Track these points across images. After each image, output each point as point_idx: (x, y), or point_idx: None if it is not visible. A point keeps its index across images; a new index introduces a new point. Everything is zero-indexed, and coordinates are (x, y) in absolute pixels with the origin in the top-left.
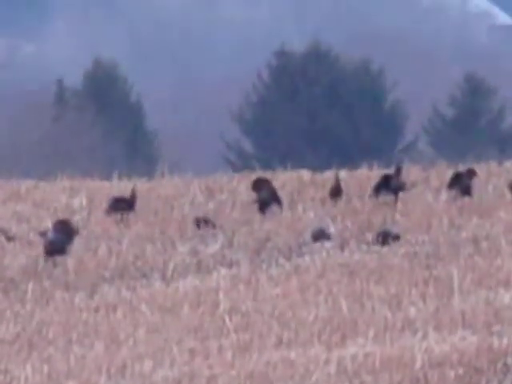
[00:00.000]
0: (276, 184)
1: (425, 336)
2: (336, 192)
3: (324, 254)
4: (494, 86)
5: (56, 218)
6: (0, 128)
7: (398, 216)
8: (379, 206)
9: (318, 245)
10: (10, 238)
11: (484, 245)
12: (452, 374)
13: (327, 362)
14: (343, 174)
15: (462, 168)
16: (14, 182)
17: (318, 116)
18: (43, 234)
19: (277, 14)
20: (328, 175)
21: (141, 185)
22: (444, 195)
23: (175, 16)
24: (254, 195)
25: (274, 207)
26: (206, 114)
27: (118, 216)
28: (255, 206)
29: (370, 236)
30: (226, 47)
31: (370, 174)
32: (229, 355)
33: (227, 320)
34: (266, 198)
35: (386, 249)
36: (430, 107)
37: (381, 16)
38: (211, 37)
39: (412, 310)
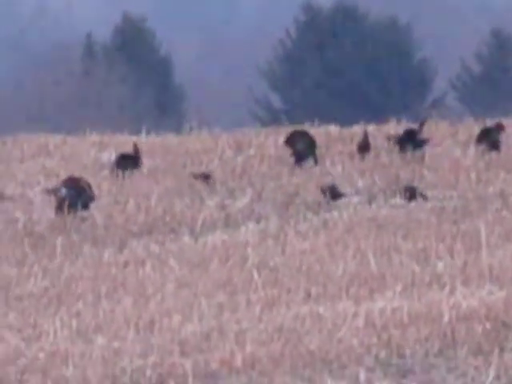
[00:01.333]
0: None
1: (452, 291)
2: (364, 147)
3: (352, 208)
4: None
5: (85, 173)
6: (29, 83)
7: (425, 171)
8: (407, 160)
9: (346, 200)
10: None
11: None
12: (479, 328)
13: (355, 316)
14: (371, 128)
15: (489, 123)
16: (42, 137)
17: (346, 71)
18: (54, 190)
19: None
20: (356, 130)
21: (169, 139)
22: (472, 150)
23: None
24: (286, 149)
25: (310, 161)
26: (234, 69)
27: (122, 173)
28: (285, 160)
29: (397, 191)
30: (252, 2)
31: (399, 128)
32: (257, 310)
33: (255, 274)
34: (304, 150)
35: (413, 204)
36: (457, 63)
37: None
38: None
39: (439, 265)
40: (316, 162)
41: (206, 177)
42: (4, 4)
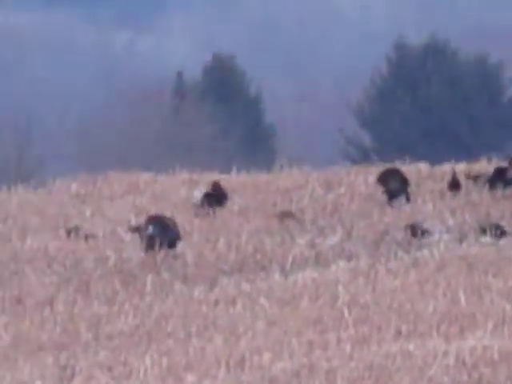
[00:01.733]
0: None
1: None
2: (454, 185)
3: (442, 246)
4: None
5: (175, 211)
6: (119, 121)
7: None
8: (497, 199)
9: (436, 237)
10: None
11: None
12: None
13: (446, 354)
14: (462, 167)
15: None
16: (133, 174)
17: (436, 110)
18: (139, 229)
19: (392, 7)
20: (446, 168)
21: (259, 177)
22: None
23: (290, 8)
24: (376, 187)
25: (402, 199)
26: (324, 109)
27: (208, 211)
28: (375, 198)
29: (487, 229)
30: (342, 40)
31: (489, 167)
32: (348, 347)
33: (346, 312)
34: (396, 188)
35: (504, 241)
36: None
37: (498, 10)
38: (327, 29)
39: None
40: (408, 199)
41: (290, 215)
42: (95, 44)
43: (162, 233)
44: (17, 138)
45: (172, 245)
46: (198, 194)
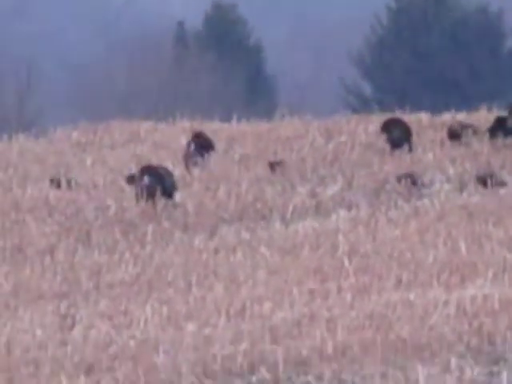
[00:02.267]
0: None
1: None
2: (455, 134)
3: (443, 196)
4: None
5: (176, 159)
6: (120, 70)
7: None
8: (498, 148)
9: (436, 187)
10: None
11: None
12: None
13: (446, 303)
14: (462, 116)
15: None
16: (133, 123)
17: (436, 59)
18: (132, 179)
19: None
20: (446, 118)
21: (260, 126)
22: None
23: None
24: (377, 136)
25: (405, 148)
26: (325, 57)
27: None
28: (376, 148)
29: (488, 179)
30: None
31: (489, 116)
32: (348, 296)
33: (346, 261)
34: (399, 137)
35: (504, 191)
36: None
37: None
38: None
39: None
40: (411, 149)
41: (278, 164)
42: None
43: (157, 183)
44: (17, 87)
45: (169, 195)
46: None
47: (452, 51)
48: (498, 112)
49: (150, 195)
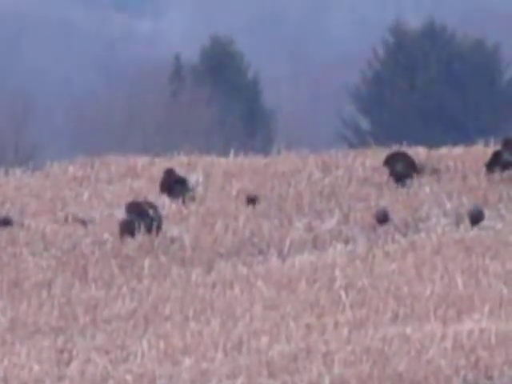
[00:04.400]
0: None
1: None
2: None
3: (440, 230)
4: None
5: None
6: (116, 105)
7: None
8: (495, 182)
9: (433, 221)
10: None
11: None
12: None
13: (443, 337)
14: (459, 150)
15: None
16: (130, 158)
17: (434, 94)
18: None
19: None
20: (444, 152)
21: (257, 161)
22: None
23: None
24: (374, 171)
25: (409, 181)
26: (322, 92)
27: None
28: (372, 182)
29: (486, 213)
30: (340, 24)
31: (487, 150)
32: (345, 331)
33: (343, 296)
34: (403, 171)
35: (501, 225)
36: None
37: None
38: (325, 13)
39: None
40: (415, 178)
41: (253, 200)
42: (94, 25)
43: (139, 218)
44: (14, 122)
45: (149, 230)
46: (195, 177)
47: (449, 86)
48: (494, 147)
49: (130, 232)
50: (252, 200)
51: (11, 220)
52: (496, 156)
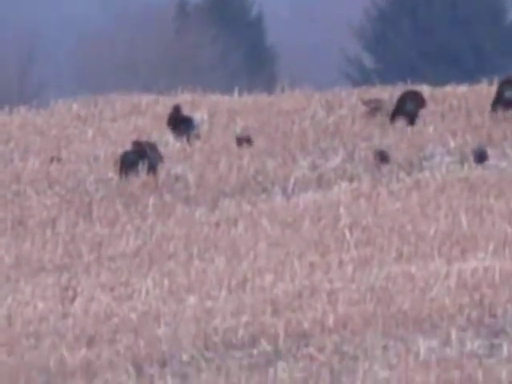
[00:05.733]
0: (396, 99)
1: None
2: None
3: (444, 169)
4: None
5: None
6: (121, 43)
7: None
8: (499, 121)
9: (438, 160)
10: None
11: None
12: None
13: (447, 275)
14: (464, 89)
15: None
16: (134, 96)
17: (438, 31)
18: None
19: None
20: (448, 90)
21: (261, 99)
22: None
23: None
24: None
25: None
26: (326, 29)
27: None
28: (376, 120)
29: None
30: None
31: (491, 89)
32: (349, 269)
33: (348, 234)
34: (414, 110)
35: (505, 163)
36: None
37: None
38: None
39: None
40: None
41: (247, 140)
42: None
43: (140, 158)
44: (19, 60)
45: (153, 169)
46: (199, 115)
47: (453, 24)
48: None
49: (126, 170)
50: (246, 140)
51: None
52: (499, 95)
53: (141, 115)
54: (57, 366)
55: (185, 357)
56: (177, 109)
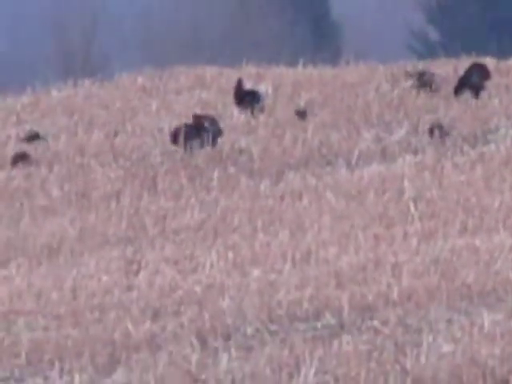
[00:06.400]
0: (461, 71)
1: None
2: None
3: (509, 141)
4: None
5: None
6: (184, 14)
7: None
8: None
9: (502, 132)
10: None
11: None
12: None
13: None
14: None
15: None
16: (198, 69)
17: (503, 4)
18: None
19: None
20: None
21: (326, 72)
22: None
23: None
24: (444, 82)
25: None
26: (390, 2)
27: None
28: (440, 94)
29: None
30: None
31: None
32: (413, 242)
33: (412, 207)
34: (479, 83)
35: None
36: None
37: None
38: None
39: None
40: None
41: (302, 113)
42: None
43: (195, 131)
44: (83, 33)
45: (209, 142)
46: (264, 88)
47: None
48: None
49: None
50: (302, 113)
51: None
52: None
53: (205, 88)
54: (121, 339)
55: (249, 330)
56: (240, 82)
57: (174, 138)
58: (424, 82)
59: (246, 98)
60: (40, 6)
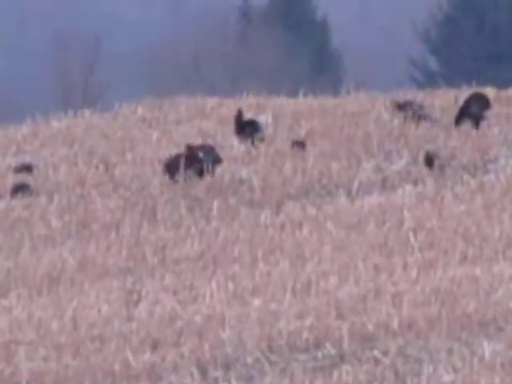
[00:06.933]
0: (461, 101)
1: None
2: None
3: (509, 171)
4: None
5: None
6: (185, 47)
7: None
8: None
9: (502, 162)
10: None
11: None
12: None
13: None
14: None
15: None
16: (199, 99)
17: (503, 34)
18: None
19: None
20: None
21: (326, 101)
22: None
23: None
24: (444, 111)
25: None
26: (390, 31)
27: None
28: (441, 123)
29: None
30: None
31: None
32: (414, 272)
33: (412, 237)
34: (479, 112)
35: None
36: None
37: None
38: None
39: None
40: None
41: (301, 144)
42: None
43: (188, 161)
44: (83, 63)
45: (200, 173)
46: (264, 118)
47: None
48: None
49: (172, 173)
50: (300, 144)
51: None
52: None
53: (205, 118)
54: (121, 369)
55: (249, 360)
56: (240, 112)
57: (168, 169)
58: (424, 113)
59: (246, 128)
60: (40, 40)
